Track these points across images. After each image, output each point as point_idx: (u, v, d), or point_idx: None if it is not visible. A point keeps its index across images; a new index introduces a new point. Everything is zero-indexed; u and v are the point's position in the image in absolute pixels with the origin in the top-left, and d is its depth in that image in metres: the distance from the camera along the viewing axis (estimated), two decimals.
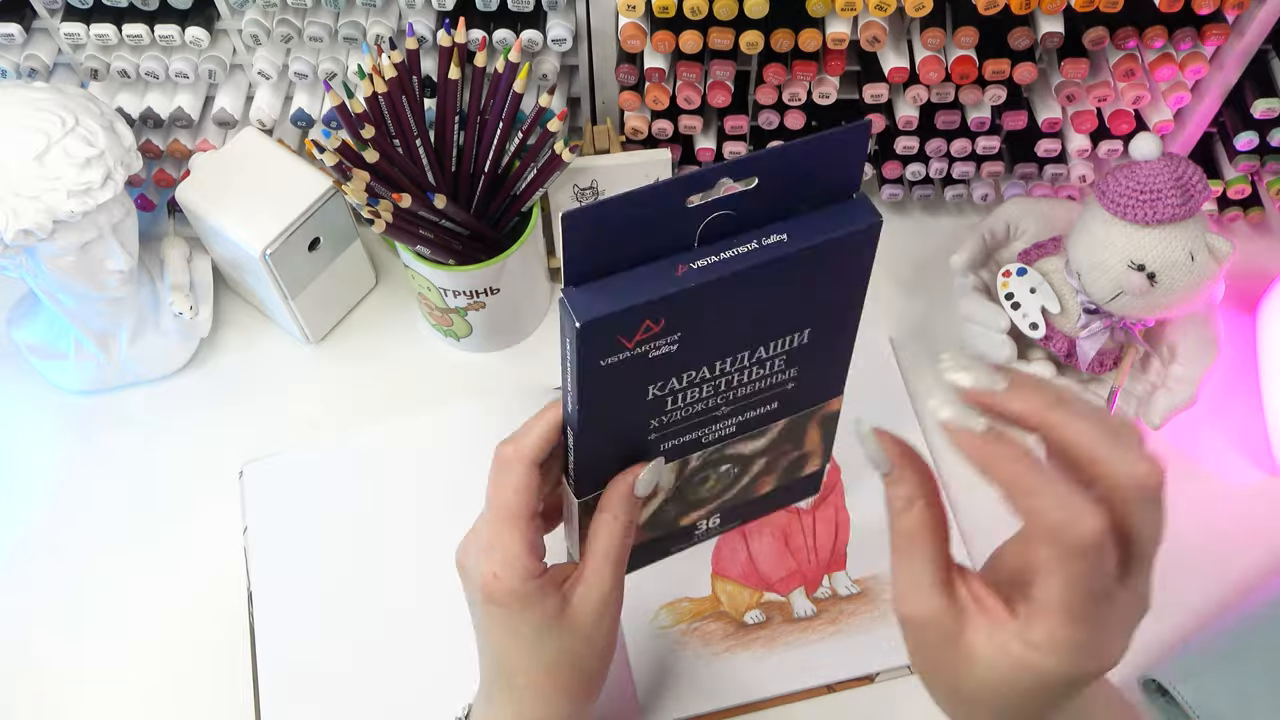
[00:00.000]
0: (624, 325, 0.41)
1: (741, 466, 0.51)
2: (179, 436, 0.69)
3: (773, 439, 0.50)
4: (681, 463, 0.49)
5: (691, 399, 0.46)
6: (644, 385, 0.44)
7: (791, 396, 0.49)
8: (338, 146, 0.58)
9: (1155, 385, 0.64)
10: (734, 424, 0.48)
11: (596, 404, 0.43)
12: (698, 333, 0.43)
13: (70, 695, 0.61)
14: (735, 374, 0.46)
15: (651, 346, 0.42)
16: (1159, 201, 0.56)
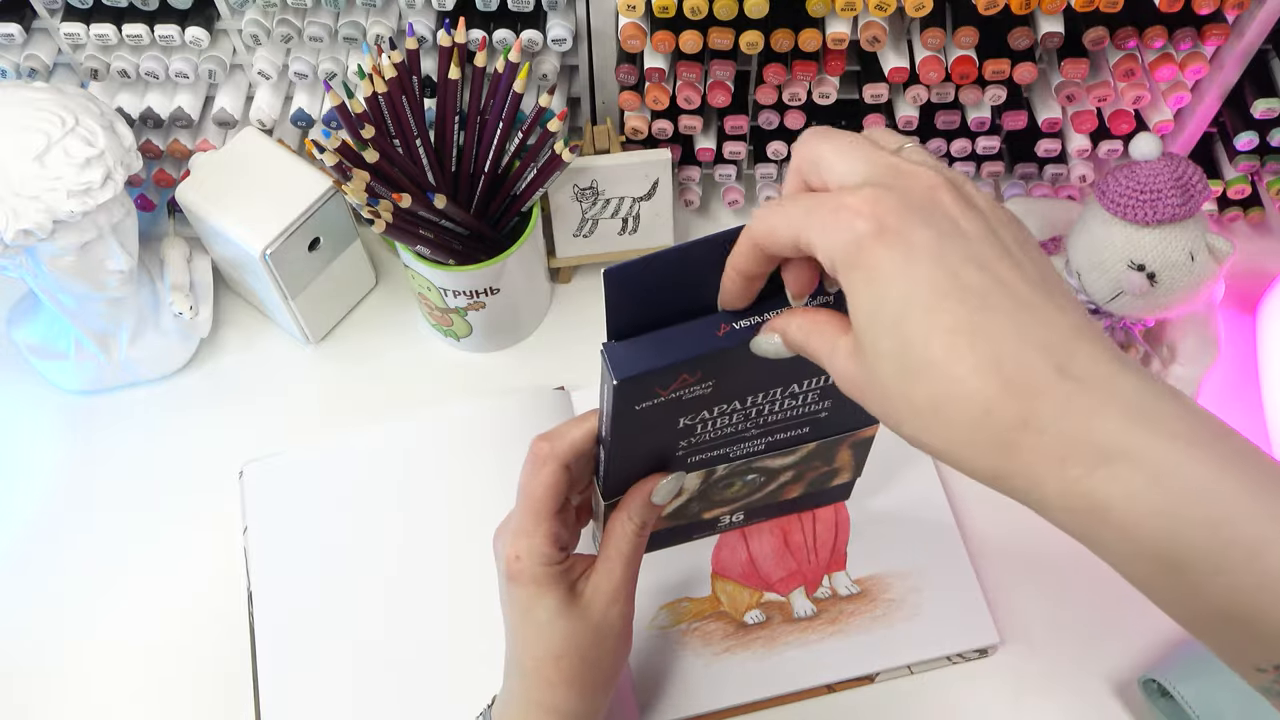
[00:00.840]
0: (662, 380, 0.42)
1: (768, 477, 0.52)
2: (179, 436, 0.69)
3: (802, 457, 0.52)
4: (709, 473, 0.51)
5: (722, 425, 0.48)
6: (676, 418, 0.46)
7: (823, 424, 0.50)
8: (338, 146, 0.58)
9: None
10: (763, 444, 0.50)
11: (628, 436, 0.45)
12: (732, 379, 0.44)
13: (70, 695, 0.61)
14: (766, 405, 0.47)
15: (686, 392, 0.44)
16: (1159, 201, 0.56)
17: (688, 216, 0.78)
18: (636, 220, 0.71)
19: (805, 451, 0.51)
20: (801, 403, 0.48)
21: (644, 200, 0.70)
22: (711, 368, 0.42)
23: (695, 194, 0.77)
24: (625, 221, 0.71)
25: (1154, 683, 0.58)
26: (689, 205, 0.77)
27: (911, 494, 0.65)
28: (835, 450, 0.53)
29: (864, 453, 0.54)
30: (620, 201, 0.70)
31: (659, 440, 0.47)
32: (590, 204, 0.70)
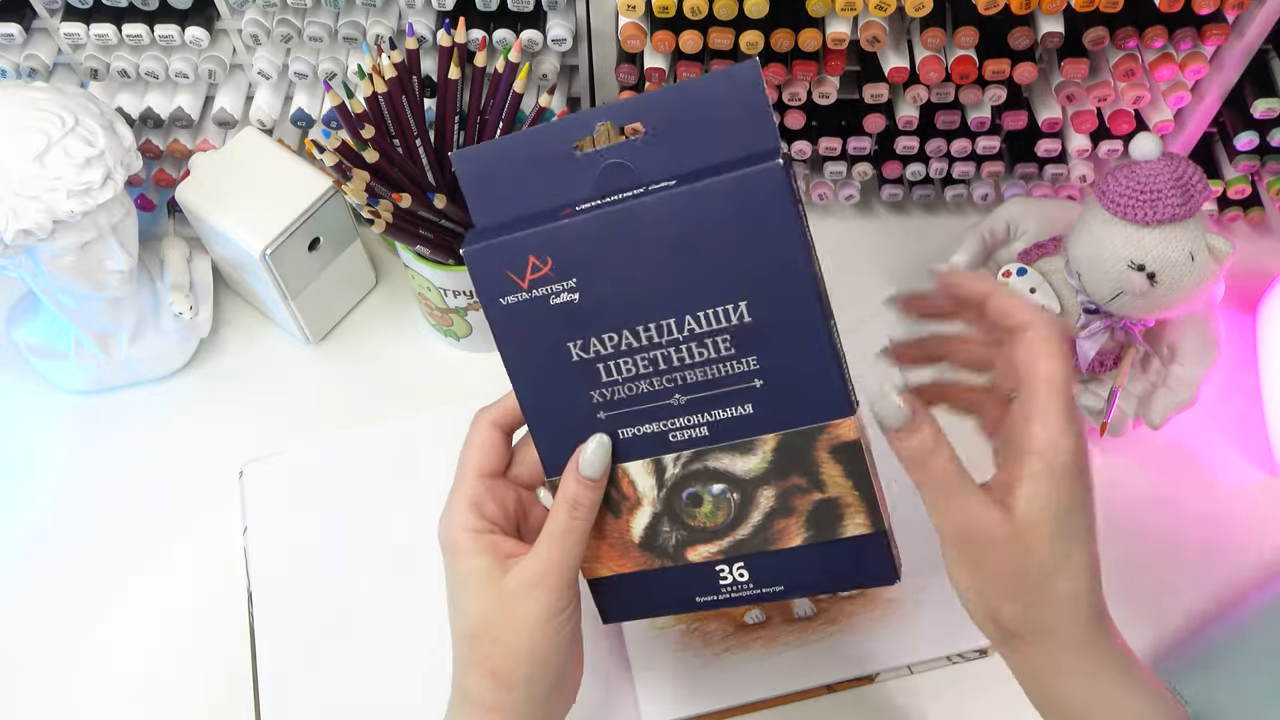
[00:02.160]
0: (509, 257, 0.43)
1: (741, 493, 0.46)
2: (179, 436, 0.69)
3: (769, 461, 0.45)
4: (656, 466, 0.46)
5: (628, 372, 0.45)
6: (560, 341, 0.44)
7: (768, 401, 0.44)
8: (338, 146, 0.58)
9: (1155, 385, 0.64)
10: (704, 425, 0.45)
11: (517, 355, 0.45)
12: (599, 283, 0.43)
13: (70, 694, 0.61)
14: (670, 349, 0.44)
15: (549, 291, 0.43)
16: (1159, 201, 0.56)
17: None
18: None
19: (769, 451, 0.45)
20: (716, 353, 0.44)
21: None
22: (562, 255, 0.42)
23: None
24: None
25: None
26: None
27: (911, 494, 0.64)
28: (809, 456, 0.45)
29: (860, 468, 0.45)
30: None
31: (563, 385, 0.45)
32: None
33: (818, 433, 0.44)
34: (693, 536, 0.47)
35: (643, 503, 0.47)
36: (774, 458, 0.45)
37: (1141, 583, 0.63)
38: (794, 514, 0.46)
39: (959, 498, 0.41)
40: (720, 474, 0.46)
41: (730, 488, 0.46)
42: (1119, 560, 0.64)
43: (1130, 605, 0.63)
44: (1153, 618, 0.62)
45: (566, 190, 0.43)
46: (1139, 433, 0.66)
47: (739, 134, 0.42)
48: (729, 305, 0.43)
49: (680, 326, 0.43)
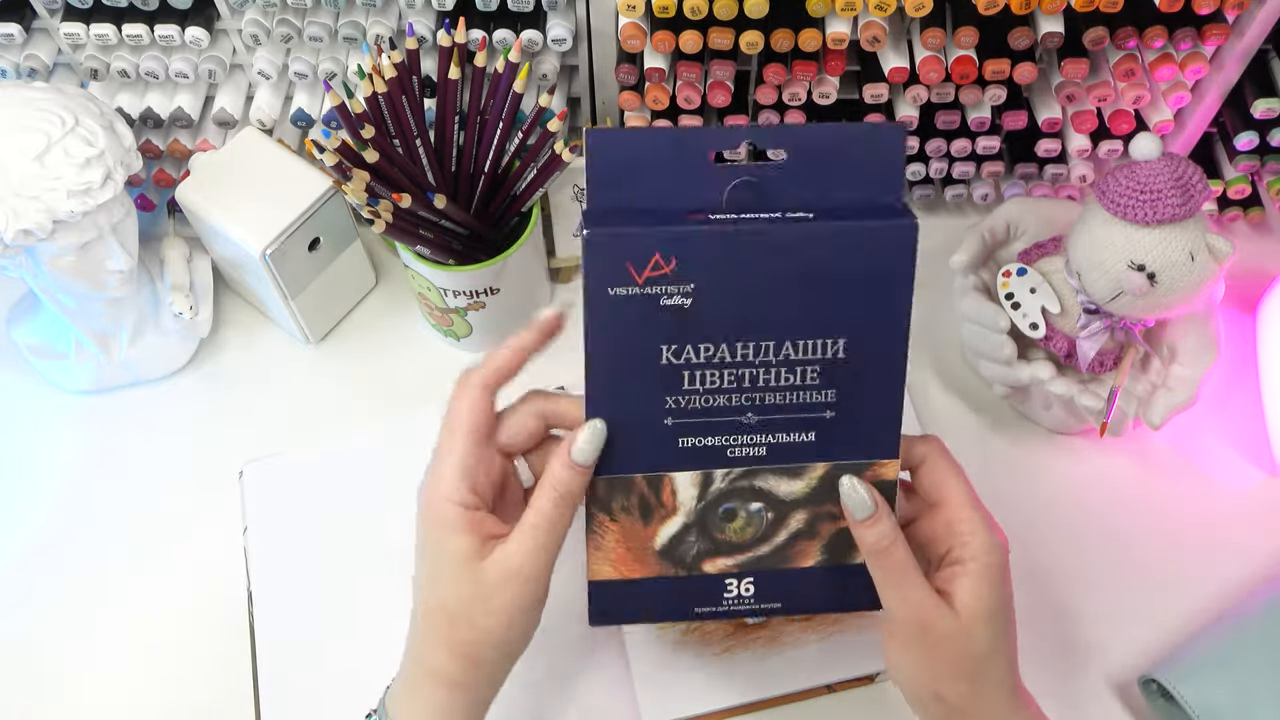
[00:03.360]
0: (635, 250, 0.42)
1: (776, 513, 0.47)
2: (179, 436, 0.69)
3: (812, 487, 0.46)
4: (705, 479, 0.46)
5: (710, 384, 0.45)
6: (655, 342, 0.44)
7: (831, 432, 0.46)
8: (338, 146, 0.58)
9: (1155, 385, 0.64)
10: (764, 445, 0.46)
11: (605, 346, 0.44)
12: (713, 293, 0.43)
13: (70, 695, 0.61)
14: (760, 370, 0.45)
15: (662, 291, 0.43)
16: (1159, 201, 0.56)
17: None
18: None
19: (815, 479, 0.46)
20: (801, 380, 0.45)
21: None
22: (686, 259, 0.42)
23: None
24: None
25: (1154, 683, 0.58)
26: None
27: None
28: None
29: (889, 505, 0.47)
30: None
31: (641, 384, 0.45)
32: None
33: (864, 468, 0.46)
34: (715, 549, 0.47)
35: (677, 513, 0.46)
36: (817, 485, 0.46)
37: (1141, 582, 0.63)
38: (816, 538, 0.47)
39: (912, 588, 0.45)
40: (763, 493, 0.46)
41: (767, 507, 0.46)
42: (1118, 560, 0.64)
43: (1129, 605, 0.63)
44: (1152, 617, 0.62)
45: (694, 195, 0.44)
46: (1139, 433, 0.66)
47: (870, 185, 0.44)
48: (829, 339, 0.44)
49: (778, 350, 0.44)
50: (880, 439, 0.46)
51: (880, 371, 0.45)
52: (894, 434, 0.46)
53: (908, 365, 0.45)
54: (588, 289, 0.44)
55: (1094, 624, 0.62)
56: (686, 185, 0.43)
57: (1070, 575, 0.63)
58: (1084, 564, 0.64)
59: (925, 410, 0.68)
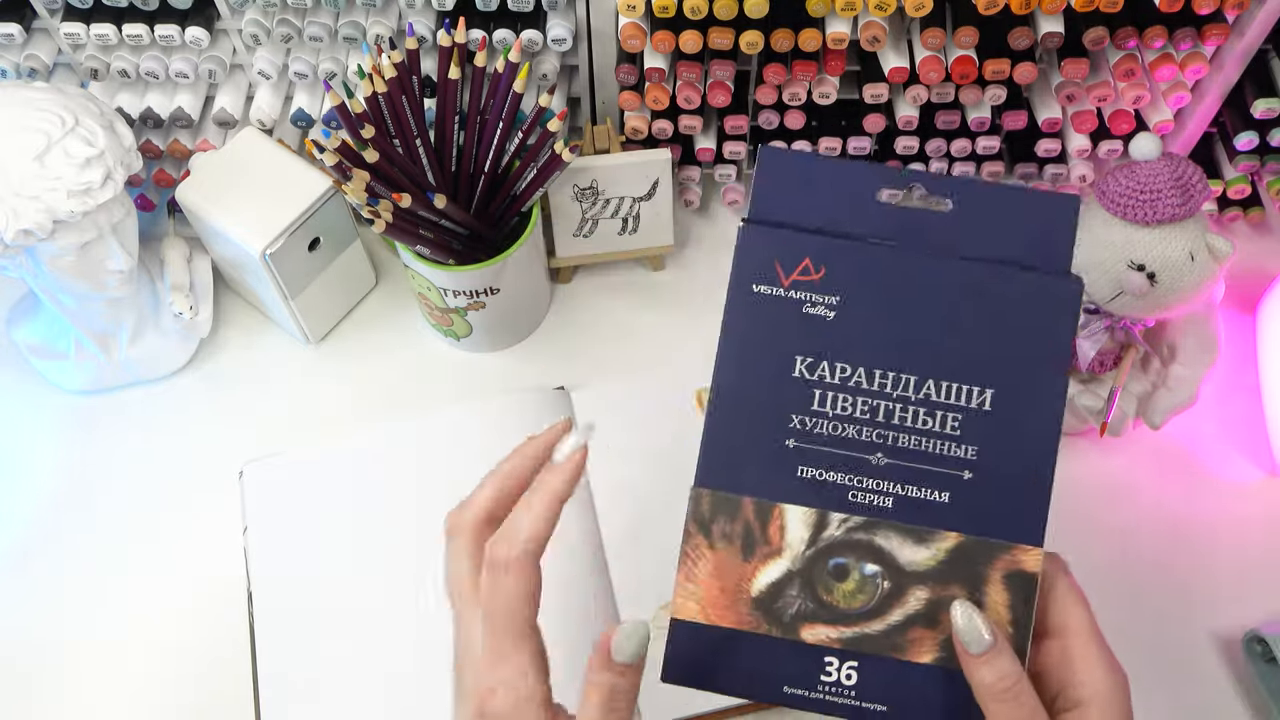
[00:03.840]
0: (786, 250, 0.41)
1: (894, 583, 0.42)
2: (179, 436, 0.69)
3: (939, 560, 0.42)
4: (819, 520, 0.42)
5: (842, 409, 0.42)
6: (791, 350, 0.42)
7: (968, 497, 0.42)
8: (338, 146, 0.58)
9: (1155, 385, 0.64)
10: (891, 495, 0.42)
11: (739, 346, 0.42)
12: (859, 311, 0.42)
13: (70, 695, 0.61)
14: (897, 405, 0.42)
15: (807, 298, 0.42)
16: (1159, 201, 0.56)
17: (688, 216, 0.78)
18: (636, 220, 0.71)
19: (943, 551, 0.42)
20: (940, 428, 0.42)
21: (644, 200, 0.70)
22: (837, 268, 0.42)
23: (695, 194, 0.77)
24: (625, 221, 0.71)
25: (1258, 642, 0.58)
26: (689, 205, 0.77)
27: None
28: (983, 574, 0.42)
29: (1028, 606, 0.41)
30: (620, 201, 0.70)
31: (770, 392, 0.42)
32: (590, 204, 0.70)
33: (1001, 551, 0.42)
34: (818, 612, 0.42)
35: (783, 554, 0.42)
36: (946, 559, 0.42)
37: (1140, 582, 0.63)
38: (936, 628, 0.41)
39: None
40: (881, 554, 0.42)
41: (885, 573, 0.42)
42: (1118, 560, 0.64)
43: (1129, 605, 0.63)
44: (1151, 617, 0.62)
45: (857, 225, 0.43)
46: (1139, 433, 0.66)
47: (1037, 248, 0.42)
48: (975, 388, 0.42)
49: (919, 387, 0.42)
50: (1023, 519, 0.42)
51: (1028, 437, 0.42)
52: (1039, 515, 0.42)
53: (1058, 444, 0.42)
54: (732, 282, 0.42)
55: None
56: (851, 216, 0.42)
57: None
58: (1083, 564, 0.64)
59: None
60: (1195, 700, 0.60)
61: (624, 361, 0.71)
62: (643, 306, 0.74)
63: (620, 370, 0.71)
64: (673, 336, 0.72)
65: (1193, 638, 0.61)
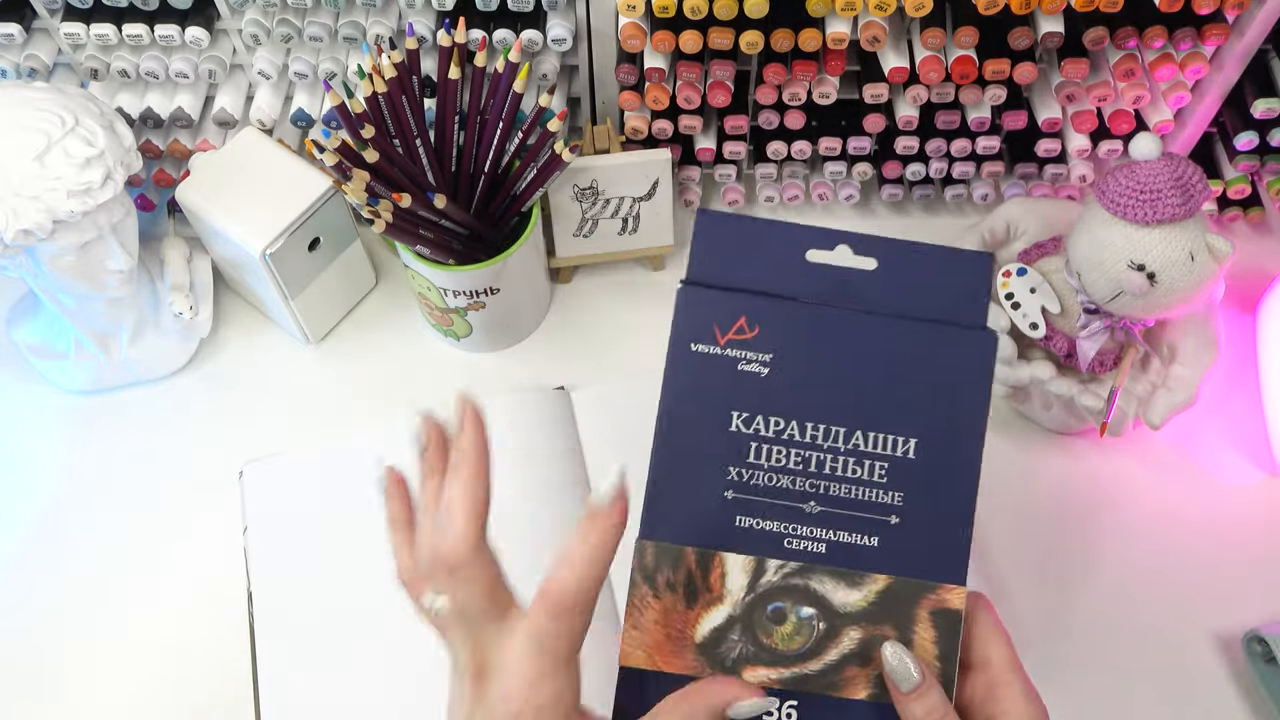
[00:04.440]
0: (722, 311, 0.44)
1: (829, 624, 0.44)
2: (179, 436, 0.69)
3: (870, 601, 0.44)
4: (757, 566, 0.44)
5: (776, 461, 0.45)
6: (728, 406, 0.45)
7: (896, 540, 0.44)
8: (338, 146, 0.58)
9: (1155, 385, 0.64)
10: (824, 541, 0.44)
11: (678, 402, 0.44)
12: (791, 368, 0.45)
13: (70, 695, 0.61)
14: (827, 456, 0.45)
15: (742, 356, 0.44)
16: (1159, 201, 0.56)
17: (688, 216, 0.78)
18: (636, 220, 0.71)
19: (874, 592, 0.44)
20: (869, 476, 0.45)
21: (644, 200, 0.70)
22: (769, 326, 0.44)
23: (695, 194, 0.77)
24: (625, 221, 0.71)
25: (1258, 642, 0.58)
26: (689, 205, 0.77)
27: None
28: (911, 613, 0.44)
29: (953, 642, 0.44)
30: (620, 201, 0.70)
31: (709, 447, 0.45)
32: (590, 204, 0.70)
33: (927, 590, 0.44)
34: (759, 655, 0.44)
35: (724, 601, 0.44)
36: (876, 600, 0.44)
37: (1140, 582, 0.63)
38: (869, 665, 0.44)
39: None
40: (816, 597, 0.44)
41: (820, 616, 0.44)
42: (1118, 559, 0.64)
43: (1130, 605, 0.63)
44: (1151, 617, 0.62)
45: (789, 284, 0.45)
46: (1139, 433, 0.66)
47: (956, 304, 0.45)
48: (900, 437, 0.45)
49: (848, 438, 0.45)
50: (947, 560, 0.45)
51: (950, 483, 0.45)
52: (961, 556, 0.45)
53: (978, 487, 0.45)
54: (672, 341, 0.45)
55: (1093, 625, 0.62)
56: (781, 275, 0.45)
57: (1069, 575, 0.63)
58: (1083, 564, 0.64)
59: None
60: (1195, 700, 0.60)
61: (624, 361, 0.71)
62: (643, 306, 0.74)
63: (620, 370, 0.71)
64: None
65: (1193, 638, 0.61)
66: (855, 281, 0.46)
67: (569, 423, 0.67)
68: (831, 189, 0.76)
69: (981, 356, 0.45)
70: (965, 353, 0.45)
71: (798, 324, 0.45)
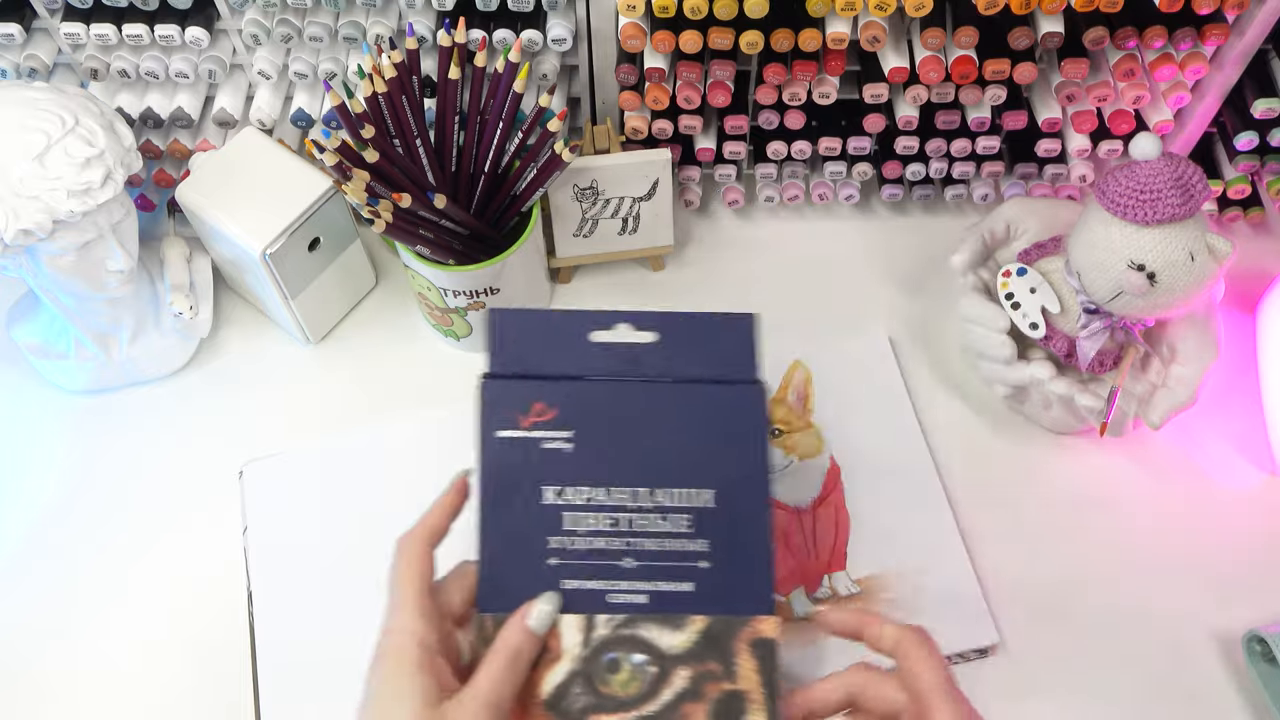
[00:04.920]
0: (519, 398, 0.49)
1: (660, 667, 0.48)
2: (179, 436, 0.69)
3: (694, 641, 0.48)
4: (588, 623, 0.48)
5: (590, 526, 0.48)
6: (538, 482, 0.49)
7: (708, 583, 0.48)
8: (338, 146, 0.58)
9: (1155, 385, 0.64)
10: (645, 592, 0.48)
11: (493, 485, 0.49)
12: (590, 440, 0.49)
13: (70, 695, 0.61)
14: (635, 515, 0.49)
15: (545, 435, 0.49)
16: (1159, 201, 0.56)
17: (688, 216, 0.78)
18: (636, 220, 0.71)
19: (696, 633, 0.48)
20: (675, 528, 0.49)
21: (644, 200, 0.70)
22: (566, 407, 0.49)
23: (695, 194, 0.77)
24: (625, 221, 0.71)
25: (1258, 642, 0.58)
26: (689, 205, 0.77)
27: (911, 494, 0.65)
28: (731, 647, 0.48)
29: (771, 666, 0.48)
30: (620, 201, 0.70)
31: (528, 523, 0.48)
32: (590, 204, 0.70)
33: (742, 624, 0.48)
34: (601, 704, 0.47)
35: (563, 658, 0.47)
36: (699, 639, 0.48)
37: (1140, 582, 0.63)
38: (702, 699, 0.47)
39: None
40: (646, 644, 0.48)
41: (651, 660, 0.48)
42: (1118, 559, 0.64)
43: (1130, 605, 0.63)
44: (1152, 618, 0.62)
45: (580, 365, 0.50)
46: (1139, 433, 0.66)
47: (729, 362, 0.50)
48: (698, 489, 0.49)
49: (652, 496, 0.49)
50: (756, 594, 0.48)
51: (748, 525, 0.49)
52: (767, 589, 0.48)
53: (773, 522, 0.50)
54: (479, 430, 0.49)
55: (1093, 625, 0.62)
56: (572, 357, 0.50)
57: (1068, 575, 0.63)
58: (1084, 564, 0.64)
59: (925, 411, 0.68)
60: (1195, 700, 0.60)
61: None
62: (643, 306, 0.74)
63: None
64: None
65: (1193, 638, 0.61)
66: (639, 354, 0.50)
67: None
68: (831, 189, 0.76)
69: (754, 405, 0.49)
70: (740, 405, 0.50)
71: (590, 400, 0.49)
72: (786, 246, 0.77)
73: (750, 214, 0.78)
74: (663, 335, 0.50)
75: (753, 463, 0.49)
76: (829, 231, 0.77)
